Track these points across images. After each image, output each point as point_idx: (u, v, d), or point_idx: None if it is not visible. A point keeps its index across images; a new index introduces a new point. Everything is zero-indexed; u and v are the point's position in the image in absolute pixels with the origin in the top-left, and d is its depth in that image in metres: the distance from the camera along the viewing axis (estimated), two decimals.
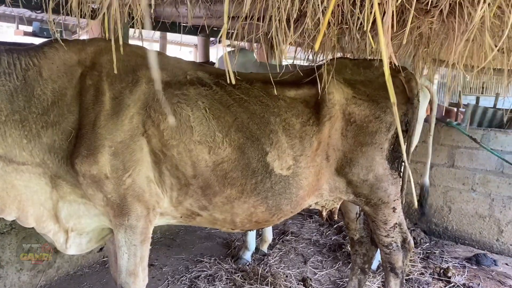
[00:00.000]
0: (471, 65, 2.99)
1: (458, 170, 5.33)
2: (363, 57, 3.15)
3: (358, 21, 2.06)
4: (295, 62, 3.44)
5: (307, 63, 3.40)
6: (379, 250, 3.16)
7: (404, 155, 1.87)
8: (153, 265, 4.32)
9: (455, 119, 7.02)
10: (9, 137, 2.16)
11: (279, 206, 2.61)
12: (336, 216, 3.08)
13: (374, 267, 4.31)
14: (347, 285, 3.65)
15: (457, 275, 4.30)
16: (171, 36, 8.04)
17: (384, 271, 3.14)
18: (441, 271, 4.37)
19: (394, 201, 2.84)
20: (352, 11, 2.15)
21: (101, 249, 4.31)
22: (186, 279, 4.09)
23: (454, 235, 5.42)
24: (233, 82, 1.51)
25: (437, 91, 5.43)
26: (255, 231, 4.62)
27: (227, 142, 2.42)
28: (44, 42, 2.41)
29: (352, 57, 3.31)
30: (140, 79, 2.36)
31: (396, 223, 2.93)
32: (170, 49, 8.23)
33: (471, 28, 1.88)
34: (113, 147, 2.24)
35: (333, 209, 3.04)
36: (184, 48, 10.24)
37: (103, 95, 2.27)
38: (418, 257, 4.74)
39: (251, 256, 4.58)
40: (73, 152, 2.23)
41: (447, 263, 4.66)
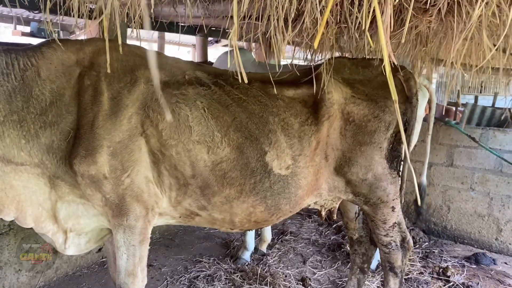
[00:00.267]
0: (469, 64, 2.99)
1: (457, 169, 5.34)
2: (361, 57, 3.15)
3: (357, 20, 2.06)
4: (293, 61, 3.44)
5: (305, 62, 3.40)
6: (378, 249, 3.17)
7: (407, 154, 1.87)
8: (152, 265, 4.31)
9: (454, 118, 7.03)
10: (8, 137, 2.15)
11: (278, 206, 2.61)
12: (335, 215, 3.08)
13: (373, 266, 4.31)
14: (346, 284, 3.65)
15: (456, 274, 4.30)
16: (169, 36, 8.03)
17: (383, 270, 3.14)
18: (440, 270, 4.38)
19: (393, 200, 2.84)
20: (350, 10, 2.15)
21: (99, 249, 4.31)
22: (185, 279, 4.08)
23: (453, 234, 5.43)
24: (246, 81, 1.51)
25: (435, 90, 5.42)
26: (254, 231, 4.61)
27: (226, 141, 2.41)
28: (42, 42, 2.41)
29: (351, 57, 3.30)
30: (139, 79, 2.35)
31: (395, 223, 2.93)
32: (168, 49, 8.23)
33: (469, 27, 1.88)
34: (111, 147, 2.23)
35: (332, 208, 3.04)
36: (182, 48, 10.23)
37: (101, 95, 2.26)
38: (417, 256, 4.74)
39: (250, 256, 4.57)
40: (72, 153, 2.22)
41: (446, 262, 4.66)
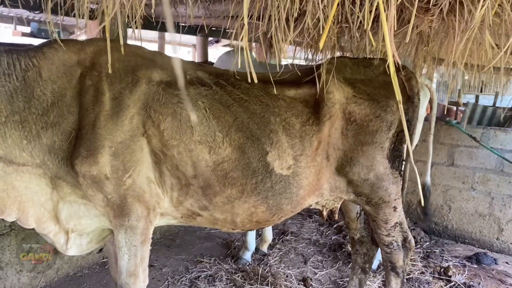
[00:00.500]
0: (470, 63, 2.98)
1: (458, 168, 5.33)
2: (363, 56, 3.14)
3: (358, 20, 2.06)
4: (294, 61, 3.44)
5: (306, 62, 3.39)
6: (379, 249, 3.16)
7: (410, 153, 1.86)
8: (153, 265, 4.31)
9: (455, 118, 7.02)
10: (9, 138, 2.15)
11: (280, 206, 2.61)
12: (337, 215, 3.08)
13: (375, 266, 4.31)
14: (347, 284, 3.65)
15: (458, 274, 4.30)
16: (169, 36, 8.01)
17: (384, 270, 3.14)
18: (442, 270, 4.38)
19: (395, 200, 2.83)
20: (352, 9, 2.14)
21: (100, 250, 4.30)
22: (186, 279, 4.08)
23: (454, 234, 5.42)
24: (255, 81, 1.50)
25: (436, 89, 5.42)
26: (255, 231, 4.61)
27: (227, 142, 2.41)
28: (43, 42, 2.40)
29: (352, 56, 3.30)
30: (140, 80, 2.35)
31: (397, 222, 2.93)
32: (168, 49, 8.21)
33: (471, 26, 1.88)
34: (113, 147, 2.23)
35: (333, 208, 3.03)
36: (182, 48, 10.23)
37: (103, 96, 2.26)
38: (419, 256, 4.74)
39: (251, 256, 4.57)
40: (73, 153, 2.22)
41: (448, 262, 4.66)
